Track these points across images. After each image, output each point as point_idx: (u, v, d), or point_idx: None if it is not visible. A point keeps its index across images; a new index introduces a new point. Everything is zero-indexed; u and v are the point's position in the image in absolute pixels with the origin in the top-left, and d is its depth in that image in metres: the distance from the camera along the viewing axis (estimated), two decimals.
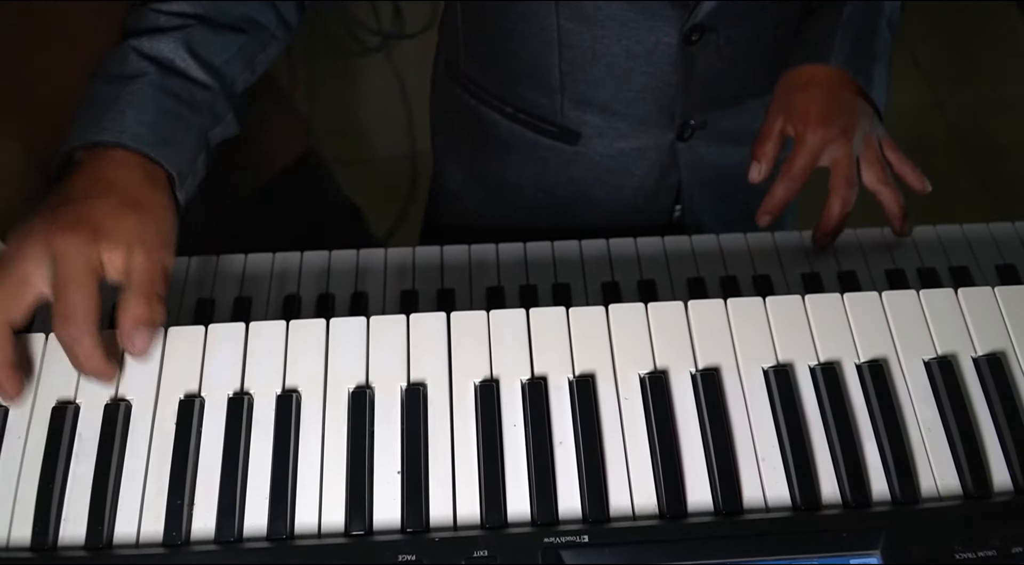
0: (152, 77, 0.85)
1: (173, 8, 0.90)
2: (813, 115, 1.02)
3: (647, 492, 0.74)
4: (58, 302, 0.73)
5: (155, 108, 0.83)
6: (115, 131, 0.81)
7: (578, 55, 1.12)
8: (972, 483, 0.74)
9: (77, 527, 0.71)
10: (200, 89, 0.89)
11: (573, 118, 1.19)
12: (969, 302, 0.83)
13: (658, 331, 0.81)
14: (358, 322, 0.81)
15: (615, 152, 1.21)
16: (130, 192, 0.78)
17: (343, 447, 0.75)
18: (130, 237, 0.76)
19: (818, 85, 1.05)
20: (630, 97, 1.16)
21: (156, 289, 0.76)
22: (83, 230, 0.74)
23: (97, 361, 0.74)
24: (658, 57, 1.11)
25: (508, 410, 0.77)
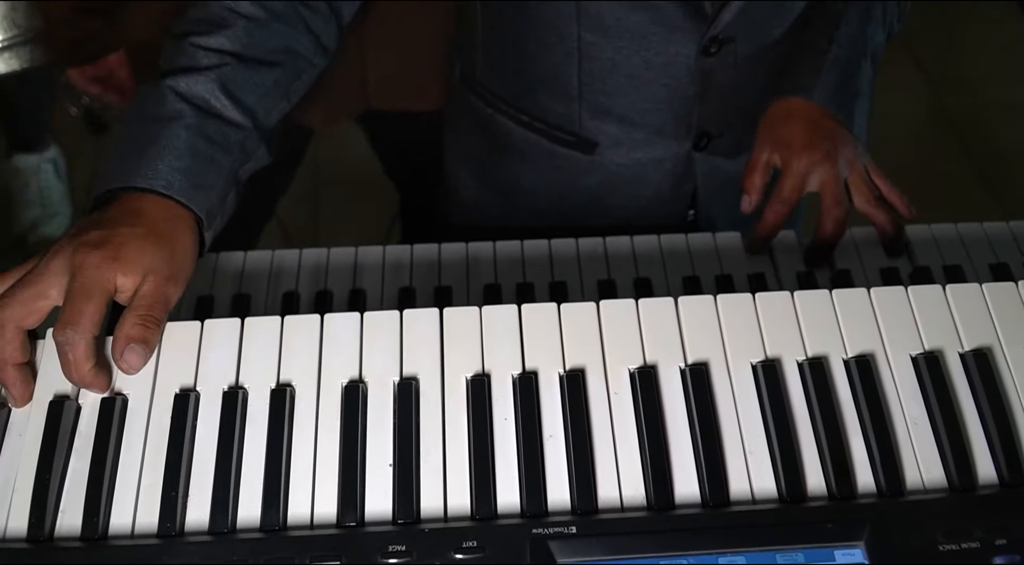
0: (188, 120, 0.88)
1: (211, 44, 0.92)
2: (797, 142, 1.05)
3: (635, 484, 0.74)
4: (65, 308, 0.76)
5: (189, 152, 0.86)
6: (149, 178, 0.84)
7: (597, 66, 1.14)
8: (957, 476, 0.75)
9: (73, 519, 0.73)
10: (234, 129, 0.91)
11: (591, 128, 1.20)
12: (957, 298, 0.84)
13: (648, 327, 0.82)
14: (352, 318, 0.82)
15: (631, 161, 1.22)
16: (156, 226, 0.82)
17: (336, 440, 0.76)
18: (146, 266, 0.79)
19: (800, 116, 1.08)
20: (648, 107, 1.17)
21: (154, 313, 0.78)
22: (105, 250, 0.78)
23: (87, 369, 0.76)
24: (676, 68, 1.13)
25: (499, 404, 0.78)
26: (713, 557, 0.70)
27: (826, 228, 1.02)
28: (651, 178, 1.22)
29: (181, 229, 0.84)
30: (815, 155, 1.03)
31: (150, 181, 0.84)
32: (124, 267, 0.78)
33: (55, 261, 0.78)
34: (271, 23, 0.96)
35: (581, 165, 1.22)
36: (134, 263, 0.79)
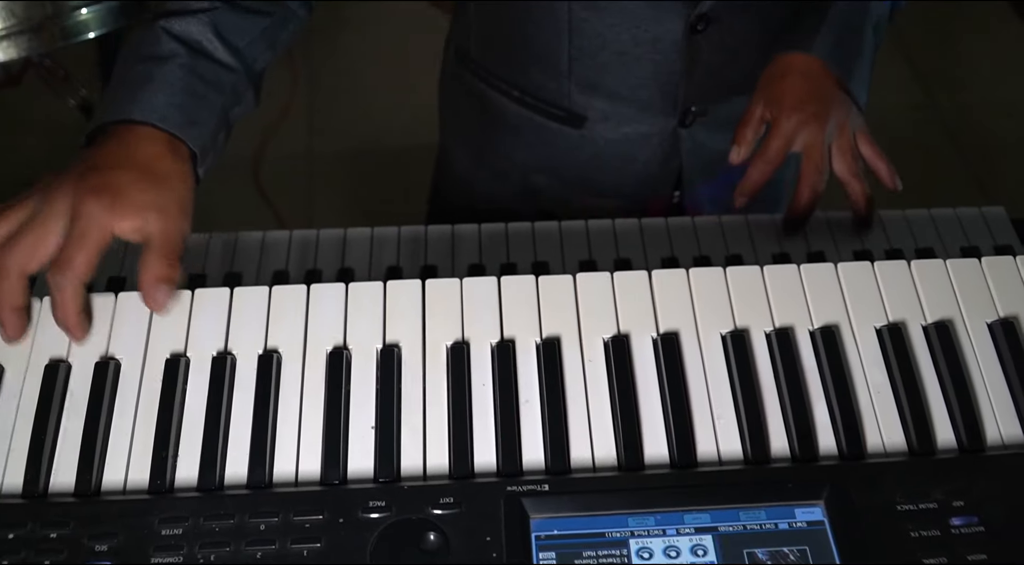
0: (182, 59, 0.91)
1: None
2: (788, 100, 1.06)
3: (607, 446, 0.78)
4: (62, 252, 0.79)
5: (184, 89, 0.90)
6: (146, 111, 0.87)
7: (587, 42, 1.17)
8: (917, 441, 0.78)
9: (67, 476, 0.76)
10: (225, 71, 0.95)
11: (580, 102, 1.23)
12: (921, 273, 0.87)
13: (623, 298, 0.85)
14: (337, 288, 0.85)
15: (619, 136, 1.25)
16: (153, 165, 0.85)
17: (320, 404, 0.79)
18: (148, 206, 0.82)
19: (797, 73, 1.09)
20: (636, 83, 1.20)
21: (174, 250, 0.82)
22: (105, 196, 0.81)
23: (73, 313, 0.79)
24: (664, 45, 1.16)
25: (477, 370, 0.81)
26: (679, 514, 0.73)
27: (802, 194, 1.04)
28: (638, 153, 1.25)
29: (176, 164, 0.87)
30: (804, 115, 1.04)
31: (146, 114, 0.87)
32: (123, 212, 0.81)
33: (56, 206, 0.81)
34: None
35: (571, 140, 1.26)
36: (133, 207, 0.81)
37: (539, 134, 1.27)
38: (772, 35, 1.17)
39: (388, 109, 2.71)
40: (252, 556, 0.70)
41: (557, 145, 1.27)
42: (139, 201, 0.82)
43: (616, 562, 0.71)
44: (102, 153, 0.86)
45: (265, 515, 0.72)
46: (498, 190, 1.36)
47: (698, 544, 0.72)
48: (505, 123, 1.29)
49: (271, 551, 0.70)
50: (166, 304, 0.81)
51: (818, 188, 1.04)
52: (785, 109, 1.04)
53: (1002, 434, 0.80)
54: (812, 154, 1.04)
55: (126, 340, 0.82)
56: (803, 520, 0.73)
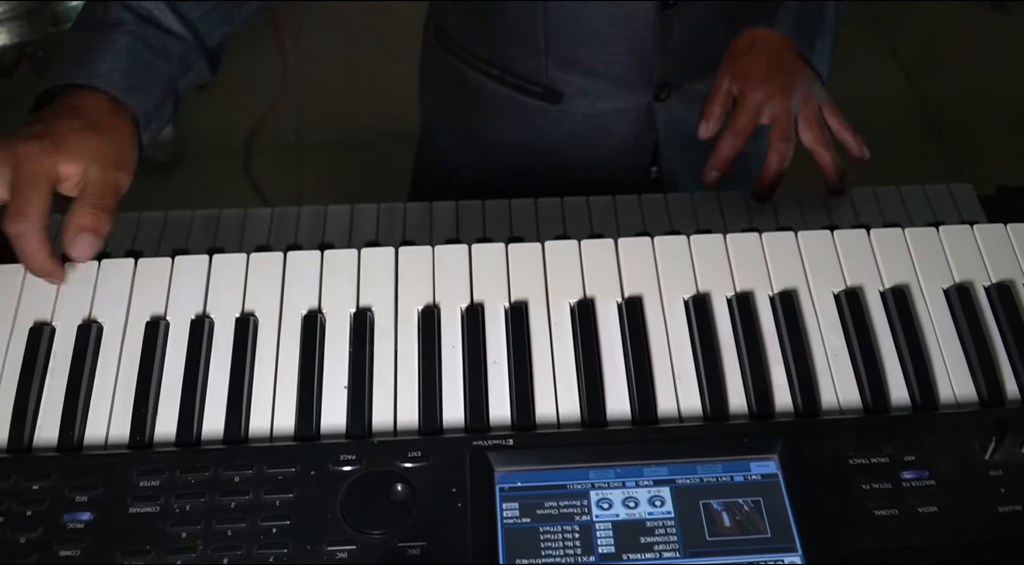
0: (130, 27, 0.93)
1: None
2: (754, 74, 1.09)
3: (571, 404, 0.80)
4: (12, 200, 0.80)
5: (128, 56, 0.91)
6: (89, 74, 0.88)
7: (562, 18, 1.20)
8: (872, 399, 0.81)
9: (50, 432, 0.78)
10: (174, 39, 0.96)
11: (557, 79, 1.26)
12: (880, 241, 0.90)
13: (589, 265, 0.88)
14: (313, 255, 0.88)
15: (596, 112, 1.28)
16: (95, 117, 0.86)
17: (295, 365, 0.82)
18: (88, 154, 0.82)
19: (761, 47, 1.12)
20: (611, 59, 1.23)
21: (105, 202, 0.82)
22: (45, 141, 0.81)
23: (42, 258, 0.81)
24: (637, 21, 1.19)
25: (448, 333, 0.84)
26: (638, 468, 0.76)
27: (771, 161, 1.06)
28: (615, 128, 1.28)
29: (119, 119, 0.87)
30: (770, 88, 1.07)
31: (89, 78, 0.88)
32: (65, 155, 0.81)
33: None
34: None
35: (549, 116, 1.29)
36: (76, 150, 0.82)
37: (517, 111, 1.30)
38: (744, 10, 1.20)
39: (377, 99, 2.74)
40: (226, 506, 0.73)
41: (535, 121, 1.30)
42: (80, 146, 0.82)
43: (576, 512, 0.74)
44: (44, 110, 0.87)
45: (239, 468, 0.75)
46: (478, 166, 1.39)
47: (656, 495, 0.75)
48: (484, 100, 1.32)
49: (244, 501, 0.73)
50: (86, 256, 0.81)
51: (785, 156, 1.07)
52: (751, 82, 1.08)
53: (956, 394, 0.82)
54: (779, 124, 1.07)
55: (108, 304, 0.85)
56: (758, 473, 0.76)
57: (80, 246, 0.81)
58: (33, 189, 0.80)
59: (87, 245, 0.81)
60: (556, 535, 0.73)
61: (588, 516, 0.74)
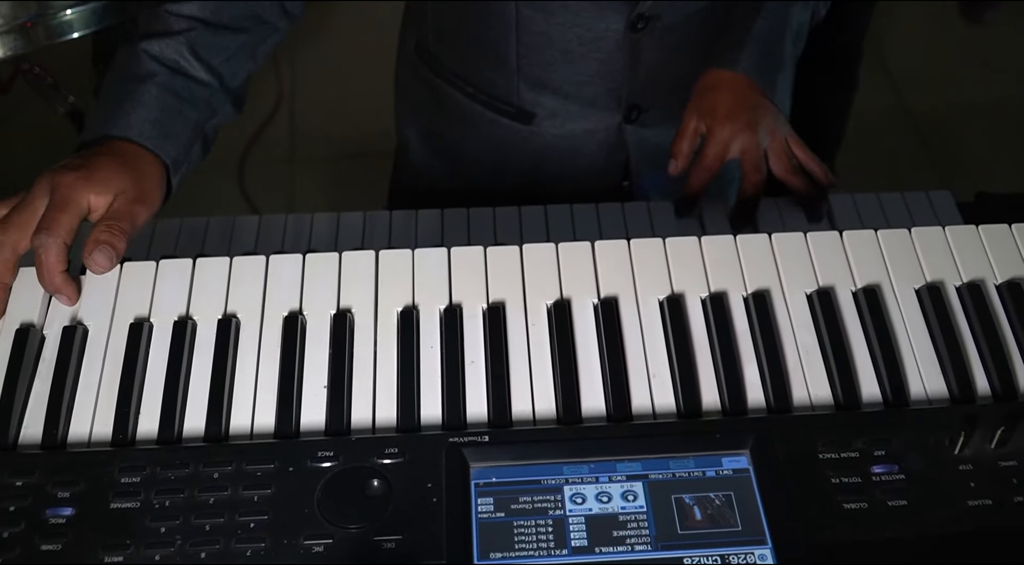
0: (159, 78, 1.00)
1: (183, 11, 1.04)
2: (721, 111, 1.13)
3: (547, 401, 0.82)
4: (43, 217, 0.86)
5: (158, 106, 0.98)
6: (123, 127, 0.96)
7: (534, 40, 1.22)
8: (843, 396, 0.82)
9: (35, 430, 0.80)
10: (201, 87, 1.04)
11: (528, 99, 1.28)
12: (853, 243, 0.91)
13: (567, 267, 0.89)
14: (294, 258, 0.89)
15: (567, 132, 1.30)
16: (128, 158, 0.93)
17: (276, 365, 0.83)
18: (116, 187, 0.90)
19: (725, 87, 1.16)
20: (581, 80, 1.25)
21: (122, 224, 0.88)
22: (81, 172, 0.89)
23: (57, 273, 0.85)
24: (606, 43, 1.21)
25: (426, 334, 0.85)
26: (611, 463, 0.77)
27: (745, 192, 1.10)
28: (585, 148, 1.30)
29: (151, 166, 0.95)
30: (737, 124, 1.11)
31: (124, 130, 0.95)
32: (97, 187, 0.88)
33: (39, 187, 0.88)
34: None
35: (520, 135, 1.30)
36: (106, 183, 0.89)
37: (491, 128, 1.32)
38: (711, 34, 1.23)
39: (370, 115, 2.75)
40: (205, 501, 0.74)
41: (507, 139, 1.32)
42: (112, 180, 0.90)
43: (550, 507, 0.75)
44: (86, 150, 0.95)
45: (219, 464, 0.76)
46: (452, 179, 1.41)
47: (629, 490, 0.76)
48: (459, 116, 1.34)
49: (223, 496, 0.74)
50: (105, 267, 0.86)
51: (759, 186, 1.11)
52: (719, 119, 1.11)
53: (927, 390, 0.84)
54: (750, 157, 1.11)
55: (94, 307, 0.86)
56: (729, 468, 0.77)
57: (97, 257, 0.85)
58: (63, 210, 0.86)
59: (104, 257, 0.85)
60: (530, 529, 0.74)
61: (561, 510, 0.75)
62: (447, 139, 1.38)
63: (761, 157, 1.11)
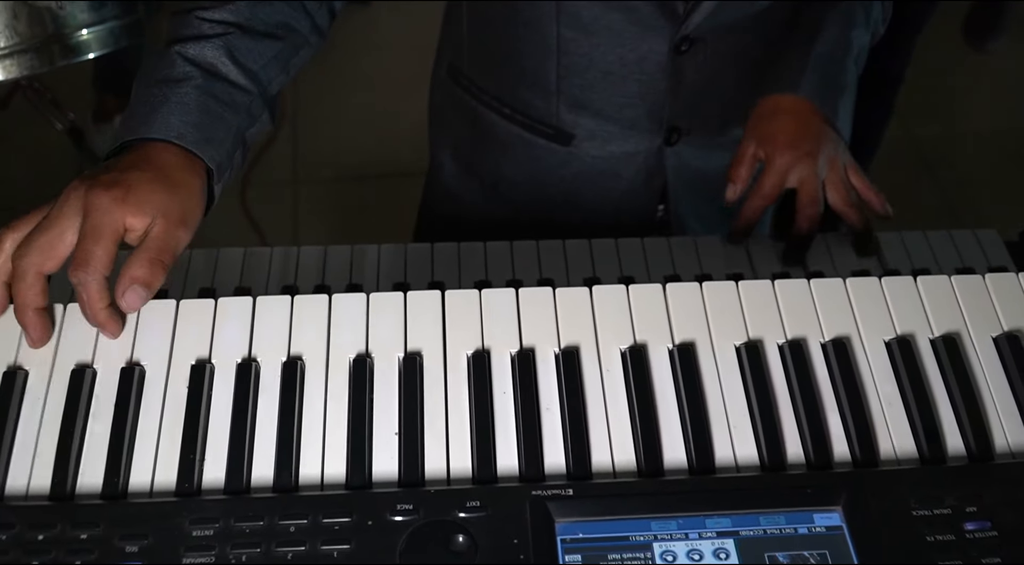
0: (197, 81, 0.93)
1: (215, 16, 0.98)
2: (781, 139, 1.11)
3: (627, 452, 0.79)
4: (78, 249, 0.80)
5: (199, 109, 0.91)
6: (163, 129, 0.89)
7: (575, 61, 1.20)
8: (928, 449, 0.80)
9: (94, 479, 0.76)
10: (239, 92, 0.97)
11: (567, 121, 1.26)
12: (927, 289, 0.89)
13: (638, 310, 0.87)
14: (358, 298, 0.86)
15: (606, 154, 1.28)
16: (166, 171, 0.86)
17: (344, 410, 0.80)
18: (155, 208, 0.83)
19: (786, 112, 1.14)
20: (622, 102, 1.23)
21: (162, 257, 0.82)
22: (116, 192, 0.81)
23: (100, 308, 0.80)
24: (649, 65, 1.19)
25: (498, 378, 0.82)
26: (700, 519, 0.74)
27: (800, 225, 1.08)
28: (624, 171, 1.28)
29: (191, 177, 0.88)
30: (797, 153, 1.09)
31: (164, 132, 0.88)
32: (133, 208, 0.81)
33: (67, 204, 0.81)
34: (272, 1, 1.02)
35: (558, 156, 1.28)
36: (144, 205, 0.82)
37: (528, 150, 1.30)
38: (755, 57, 1.21)
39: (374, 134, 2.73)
40: (283, 557, 0.71)
41: (544, 161, 1.30)
42: (149, 200, 0.83)
43: (641, 564, 0.72)
44: (118, 159, 0.87)
45: (294, 517, 0.73)
46: (485, 201, 1.39)
47: (720, 547, 0.73)
48: (494, 138, 1.32)
49: (302, 552, 0.71)
50: (135, 307, 0.81)
51: (814, 220, 1.09)
52: (779, 147, 1.09)
53: (1009, 443, 0.82)
54: (807, 188, 1.08)
55: (151, 347, 0.83)
56: (822, 525, 0.75)
57: (130, 297, 0.80)
58: (99, 241, 0.80)
59: (137, 297, 0.80)
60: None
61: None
62: (482, 161, 1.36)
63: (819, 189, 1.09)
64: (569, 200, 1.33)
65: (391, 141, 2.68)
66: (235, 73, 0.97)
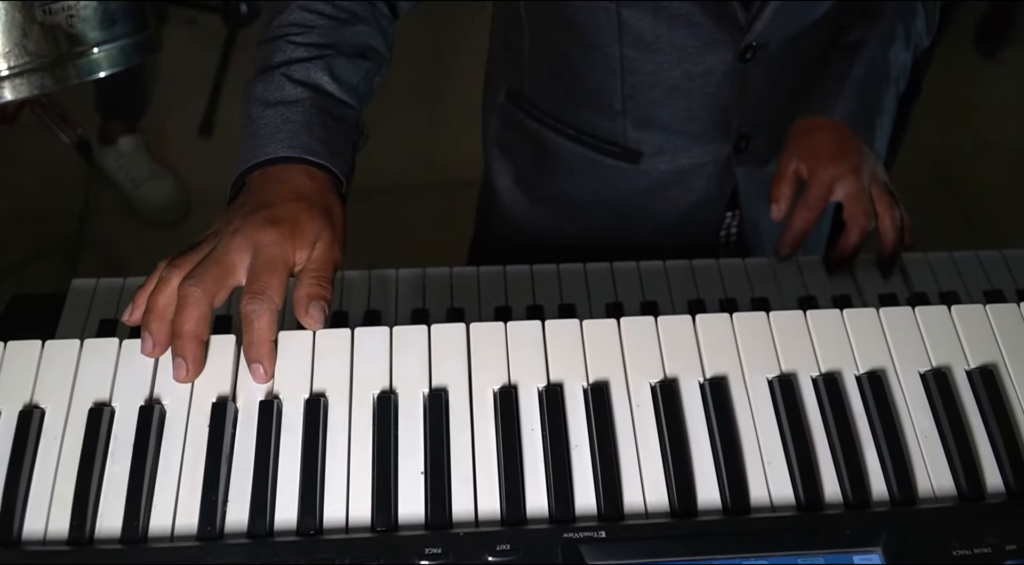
0: (311, 100, 0.97)
1: (308, 40, 1.01)
2: (823, 152, 1.11)
3: (659, 492, 0.77)
4: (252, 282, 0.82)
5: (321, 126, 0.95)
6: (295, 148, 0.93)
7: (640, 80, 1.19)
8: (967, 486, 0.78)
9: (112, 522, 0.74)
10: (346, 108, 1.01)
11: (635, 139, 1.25)
12: (962, 318, 0.87)
13: (667, 343, 0.85)
14: (381, 332, 0.84)
15: (675, 167, 1.28)
16: (313, 197, 0.90)
17: (368, 448, 0.78)
18: (315, 235, 0.87)
19: (826, 128, 1.14)
20: (688, 115, 1.22)
21: (326, 274, 0.86)
22: (282, 228, 0.85)
23: (267, 343, 0.82)
24: (715, 77, 1.18)
25: (526, 415, 0.80)
26: (738, 561, 0.72)
27: (851, 236, 1.08)
28: (694, 182, 1.28)
29: (331, 196, 0.92)
30: (841, 166, 1.09)
31: (295, 151, 0.92)
32: (299, 242, 0.85)
33: (236, 240, 0.84)
34: (355, 23, 1.05)
35: (626, 174, 1.27)
36: (307, 235, 0.86)
37: (594, 169, 1.29)
38: (816, 55, 1.20)
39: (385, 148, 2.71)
40: None
41: (612, 179, 1.29)
42: (311, 230, 0.87)
43: None
44: (266, 191, 0.90)
45: (319, 562, 0.71)
46: (548, 225, 1.37)
47: None
48: (559, 160, 1.31)
49: None
50: (319, 321, 0.84)
51: (867, 230, 1.08)
52: (822, 160, 1.09)
53: None
54: (855, 199, 1.08)
55: (170, 383, 0.81)
56: None
57: (314, 313, 0.84)
58: (273, 274, 0.83)
59: (319, 311, 0.84)
60: None
61: None
62: (547, 184, 1.35)
63: (868, 201, 1.09)
64: (637, 214, 1.33)
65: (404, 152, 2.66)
66: (339, 90, 1.00)
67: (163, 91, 2.86)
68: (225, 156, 2.82)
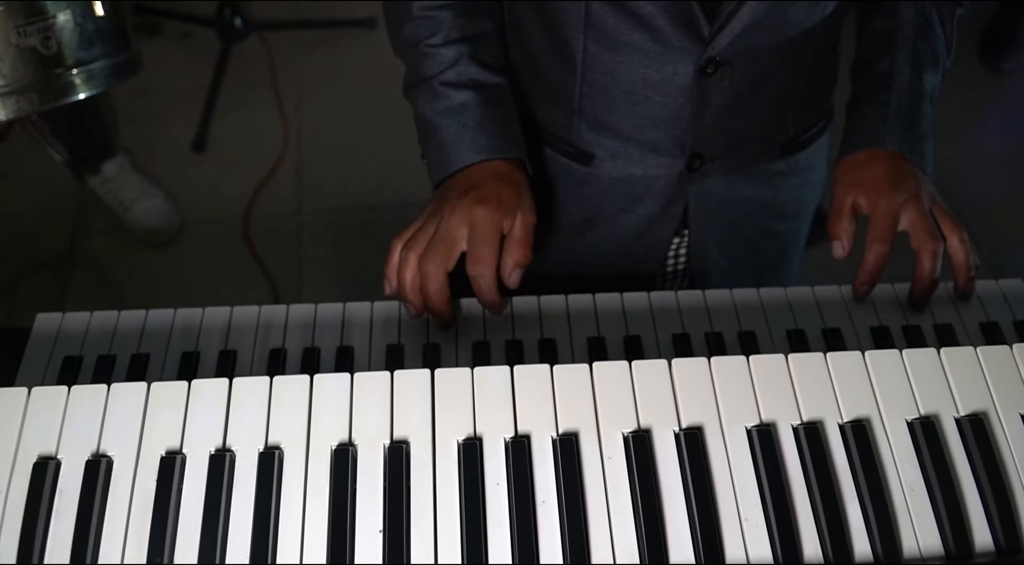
0: (476, 98, 1.11)
1: (445, 39, 1.12)
2: (883, 181, 1.08)
3: (630, 551, 0.73)
4: (473, 251, 0.99)
5: (493, 122, 1.10)
6: (482, 152, 1.08)
7: (598, 78, 1.16)
8: (954, 545, 0.74)
9: None
10: (500, 89, 1.14)
11: (588, 140, 1.23)
12: (952, 362, 0.84)
13: (642, 389, 0.81)
14: (342, 378, 0.81)
15: (625, 176, 1.24)
16: (509, 176, 1.06)
17: (325, 505, 0.75)
18: (516, 206, 1.03)
19: (880, 158, 1.11)
20: (644, 124, 1.19)
21: (528, 240, 1.02)
22: (491, 203, 1.01)
23: (494, 293, 0.99)
24: (673, 87, 1.15)
25: (491, 468, 0.77)
26: None
27: (925, 264, 1.03)
28: (644, 195, 1.24)
29: (520, 173, 1.08)
30: (903, 195, 1.06)
31: (483, 155, 1.07)
32: (505, 214, 1.01)
33: (455, 219, 1.00)
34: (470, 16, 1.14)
35: (578, 175, 1.25)
36: (511, 207, 1.02)
37: (549, 168, 1.27)
38: (781, 84, 1.18)
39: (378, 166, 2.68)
40: None
41: (564, 180, 1.27)
42: (512, 203, 1.03)
43: None
44: (469, 177, 1.06)
45: None
46: None
47: None
48: None
49: None
50: (517, 285, 1.00)
51: (937, 253, 1.05)
52: (883, 190, 1.06)
53: None
54: (921, 225, 1.05)
55: (119, 435, 0.78)
56: None
57: (515, 277, 1.00)
58: (488, 243, 0.99)
59: (519, 275, 1.01)
60: None
61: None
62: None
63: (933, 225, 1.05)
64: (588, 221, 1.29)
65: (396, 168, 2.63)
66: (491, 75, 1.13)
67: (156, 105, 2.84)
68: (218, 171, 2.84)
